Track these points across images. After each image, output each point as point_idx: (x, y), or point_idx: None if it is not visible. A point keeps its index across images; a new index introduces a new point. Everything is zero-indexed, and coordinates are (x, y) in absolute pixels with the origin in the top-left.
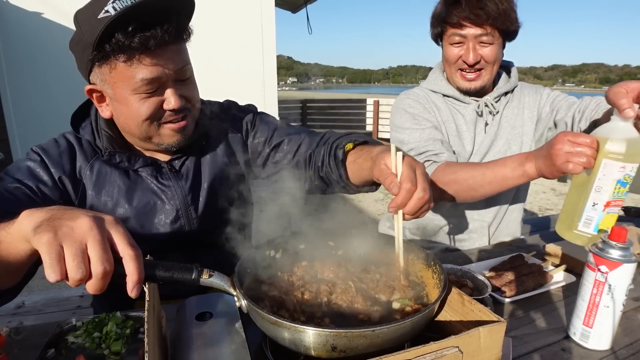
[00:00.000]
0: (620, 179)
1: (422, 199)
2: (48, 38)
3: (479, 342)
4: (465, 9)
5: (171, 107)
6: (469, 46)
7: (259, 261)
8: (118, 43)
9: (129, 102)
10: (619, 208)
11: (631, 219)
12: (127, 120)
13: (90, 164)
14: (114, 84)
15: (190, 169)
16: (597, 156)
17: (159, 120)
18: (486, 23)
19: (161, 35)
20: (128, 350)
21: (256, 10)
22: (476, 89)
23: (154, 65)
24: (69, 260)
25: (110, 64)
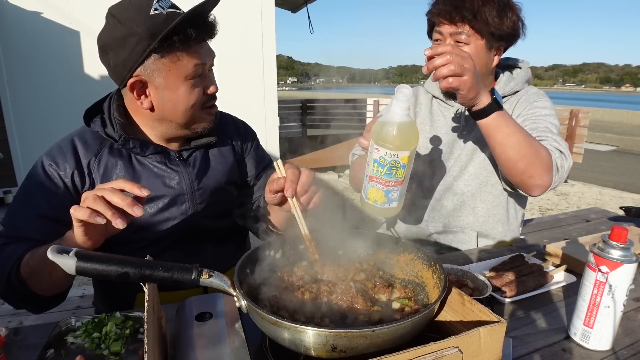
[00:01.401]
0: (377, 160)
1: (310, 175)
2: (48, 38)
3: (479, 342)
4: (440, 5)
5: (212, 91)
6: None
7: (259, 261)
8: (187, 35)
9: (179, 89)
10: (382, 186)
11: (631, 219)
12: (176, 107)
13: (98, 157)
14: (168, 72)
15: (198, 158)
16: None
17: (202, 105)
18: (460, 21)
19: (210, 27)
20: (128, 350)
21: (256, 10)
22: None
23: (204, 52)
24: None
25: (169, 52)
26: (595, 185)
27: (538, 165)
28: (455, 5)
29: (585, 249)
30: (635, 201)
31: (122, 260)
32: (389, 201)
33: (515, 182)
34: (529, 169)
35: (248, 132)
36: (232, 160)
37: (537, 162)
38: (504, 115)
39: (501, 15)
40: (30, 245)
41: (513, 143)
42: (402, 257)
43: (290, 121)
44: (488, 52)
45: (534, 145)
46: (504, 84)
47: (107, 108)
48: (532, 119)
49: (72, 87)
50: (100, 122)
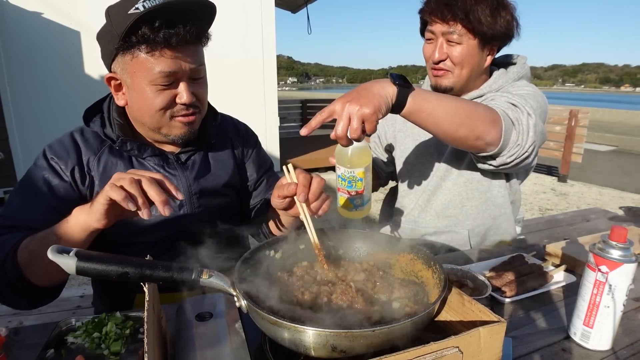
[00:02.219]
0: (340, 175)
1: (321, 182)
2: (48, 38)
3: (479, 342)
4: (433, 3)
5: (183, 102)
6: (437, 43)
7: (259, 261)
8: (144, 36)
9: (145, 92)
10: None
11: (631, 219)
12: (141, 110)
13: (98, 156)
14: (134, 73)
15: (197, 162)
16: None
17: (171, 113)
18: (452, 20)
19: (183, 34)
20: (128, 350)
21: (256, 10)
22: (443, 88)
23: (173, 60)
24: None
25: (133, 54)
26: (595, 185)
27: (479, 123)
28: (448, 3)
29: (585, 249)
30: (635, 201)
31: (122, 260)
32: (355, 206)
33: (469, 150)
34: (472, 131)
35: (249, 136)
36: (232, 164)
37: (477, 122)
38: (418, 93)
39: (494, 14)
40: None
41: (441, 115)
42: (402, 257)
43: (290, 121)
44: (480, 52)
45: (467, 107)
46: (493, 81)
47: (107, 108)
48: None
49: (73, 87)
50: (99, 122)
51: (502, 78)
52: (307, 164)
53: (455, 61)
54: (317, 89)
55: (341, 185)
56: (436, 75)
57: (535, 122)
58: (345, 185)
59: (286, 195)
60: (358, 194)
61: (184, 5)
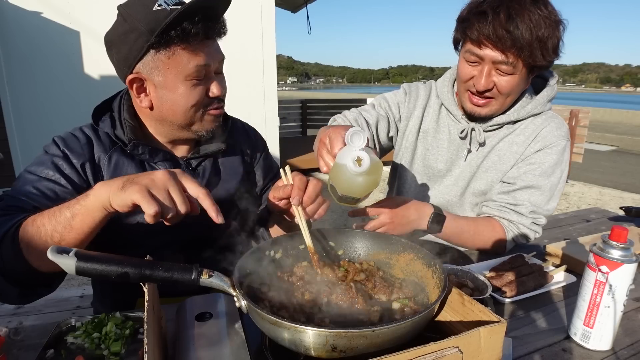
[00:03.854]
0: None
1: (318, 185)
2: (48, 38)
3: (479, 342)
4: (490, 26)
5: (216, 95)
6: (484, 70)
7: (259, 261)
8: (185, 30)
9: (178, 89)
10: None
11: (631, 219)
12: (174, 107)
13: (109, 154)
14: (167, 70)
15: (207, 168)
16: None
17: (204, 107)
18: (510, 50)
19: (217, 28)
20: (128, 350)
21: (256, 10)
22: (481, 116)
23: (207, 53)
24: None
25: (170, 51)
26: (596, 185)
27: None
28: (512, 33)
29: (585, 249)
30: (635, 201)
31: (122, 260)
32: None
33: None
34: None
35: (258, 141)
36: (242, 170)
37: (483, 247)
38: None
39: (556, 51)
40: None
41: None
42: (402, 257)
43: (290, 121)
44: (527, 78)
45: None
46: (520, 107)
47: (117, 108)
48: (523, 176)
49: (73, 87)
50: (109, 122)
51: (531, 103)
52: (307, 164)
53: (502, 91)
54: (317, 88)
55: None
56: (476, 104)
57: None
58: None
59: (282, 197)
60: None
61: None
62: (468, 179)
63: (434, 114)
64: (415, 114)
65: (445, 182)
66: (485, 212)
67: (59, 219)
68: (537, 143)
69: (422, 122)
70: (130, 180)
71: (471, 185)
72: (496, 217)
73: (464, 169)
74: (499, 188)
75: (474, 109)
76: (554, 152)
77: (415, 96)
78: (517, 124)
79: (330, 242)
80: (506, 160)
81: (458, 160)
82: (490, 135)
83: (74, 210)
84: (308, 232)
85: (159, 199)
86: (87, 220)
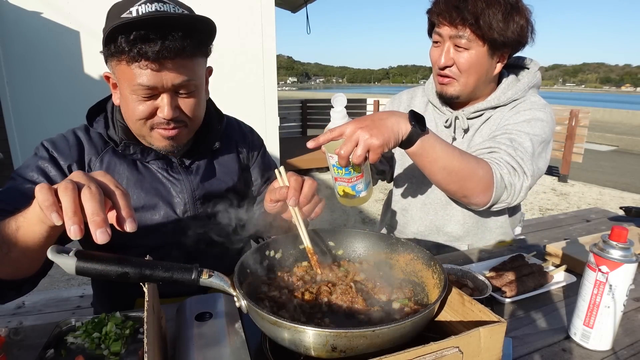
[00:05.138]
0: (335, 164)
1: (313, 184)
2: (48, 37)
3: (479, 342)
4: (442, 4)
5: (163, 116)
6: (443, 47)
7: (259, 261)
8: (120, 46)
9: (128, 99)
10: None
11: (631, 219)
12: (126, 115)
13: (101, 156)
14: (119, 79)
15: (201, 166)
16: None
17: (151, 124)
18: (461, 24)
19: (159, 49)
20: (128, 350)
21: (256, 10)
22: (447, 96)
23: (153, 73)
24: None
25: (117, 60)
26: (596, 185)
27: (471, 187)
28: (457, 6)
29: (585, 249)
30: (635, 201)
31: (122, 260)
32: (357, 192)
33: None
34: (461, 191)
35: (255, 140)
36: (237, 168)
37: (469, 184)
38: (429, 139)
39: (507, 19)
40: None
41: (439, 167)
42: (402, 257)
43: (290, 121)
44: (490, 59)
45: (465, 169)
46: (501, 92)
47: (110, 108)
48: (502, 129)
49: (72, 87)
50: (103, 122)
51: (512, 89)
52: (307, 164)
53: (461, 68)
54: (317, 88)
55: (338, 174)
56: (441, 82)
57: (530, 184)
58: (343, 174)
59: (278, 199)
60: (359, 179)
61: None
62: None
63: (420, 111)
64: None
65: None
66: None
67: (7, 231)
68: (514, 109)
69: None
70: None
71: None
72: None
73: None
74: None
75: (441, 88)
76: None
77: (398, 103)
78: (498, 108)
79: (330, 242)
80: (486, 135)
81: None
82: (474, 122)
83: (18, 223)
84: (306, 233)
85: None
86: (28, 234)
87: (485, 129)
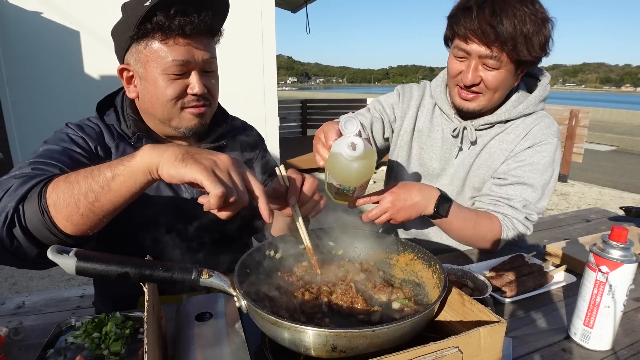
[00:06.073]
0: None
1: (314, 182)
2: (48, 37)
3: (479, 342)
4: (475, 21)
5: (195, 92)
6: (471, 64)
7: (259, 261)
8: (159, 22)
9: (157, 82)
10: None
11: (631, 219)
12: (153, 100)
13: (116, 143)
14: (147, 62)
15: None
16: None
17: (182, 104)
18: (494, 44)
19: (197, 23)
20: (128, 350)
21: (256, 10)
22: (469, 111)
23: (186, 48)
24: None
25: (147, 43)
26: (596, 185)
27: (480, 242)
28: (492, 25)
29: (585, 249)
30: (635, 201)
31: (122, 260)
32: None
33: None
34: (470, 244)
35: (257, 140)
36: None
37: (478, 241)
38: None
39: (544, 48)
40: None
41: (453, 230)
42: (402, 257)
43: (290, 121)
44: (515, 75)
45: (477, 234)
46: (512, 106)
47: (120, 103)
48: (513, 172)
49: (72, 87)
50: (115, 116)
51: (523, 103)
52: (307, 164)
53: (489, 86)
54: (317, 89)
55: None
56: (464, 98)
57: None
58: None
59: (277, 197)
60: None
61: None
62: (463, 178)
63: (428, 113)
64: (409, 113)
65: (441, 182)
66: (480, 207)
67: (96, 178)
68: (527, 140)
69: (417, 121)
70: (191, 155)
71: (467, 184)
72: (491, 211)
73: (457, 167)
74: (491, 183)
75: (462, 103)
76: (545, 151)
77: (409, 96)
78: (509, 123)
79: (330, 242)
80: (496, 158)
81: (451, 159)
82: (482, 134)
83: (116, 171)
84: (306, 232)
85: (224, 180)
86: (128, 182)
87: (495, 147)
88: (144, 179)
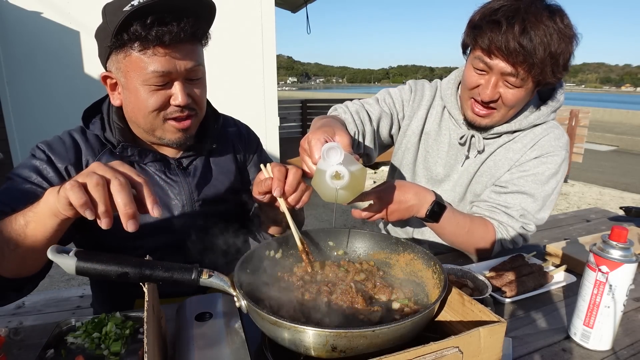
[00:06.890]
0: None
1: (297, 172)
2: (48, 37)
3: (479, 342)
4: (502, 37)
5: (177, 103)
6: (491, 80)
7: (259, 261)
8: (135, 33)
9: (138, 93)
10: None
11: (631, 219)
12: (135, 110)
13: (98, 157)
14: (127, 72)
15: (199, 167)
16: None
17: (164, 115)
18: (520, 65)
19: (176, 32)
20: (127, 350)
21: (256, 10)
22: (481, 126)
23: (167, 59)
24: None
25: (126, 52)
26: (596, 185)
27: (471, 251)
28: (526, 49)
29: (585, 249)
30: (635, 201)
31: (122, 260)
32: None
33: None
34: (463, 249)
35: (251, 139)
36: (234, 168)
37: (470, 249)
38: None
39: (566, 66)
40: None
41: (446, 238)
42: (402, 257)
43: (290, 121)
44: (533, 91)
45: (469, 240)
46: (523, 117)
47: (106, 110)
48: (515, 181)
49: (72, 87)
50: (99, 124)
51: (535, 113)
52: None
53: (507, 103)
54: (317, 89)
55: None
56: (478, 114)
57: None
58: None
59: (264, 191)
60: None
61: (178, 2)
62: (466, 185)
63: (437, 115)
64: (419, 114)
65: (444, 187)
66: (476, 212)
67: (14, 226)
68: (534, 151)
69: (425, 123)
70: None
71: (469, 191)
72: (487, 217)
73: (461, 174)
74: (491, 190)
75: (474, 118)
76: (551, 162)
77: (421, 95)
78: (518, 136)
79: (330, 242)
80: (501, 166)
81: (456, 166)
82: (490, 142)
83: (27, 218)
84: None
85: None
86: (39, 228)
87: (501, 156)
88: (52, 222)
